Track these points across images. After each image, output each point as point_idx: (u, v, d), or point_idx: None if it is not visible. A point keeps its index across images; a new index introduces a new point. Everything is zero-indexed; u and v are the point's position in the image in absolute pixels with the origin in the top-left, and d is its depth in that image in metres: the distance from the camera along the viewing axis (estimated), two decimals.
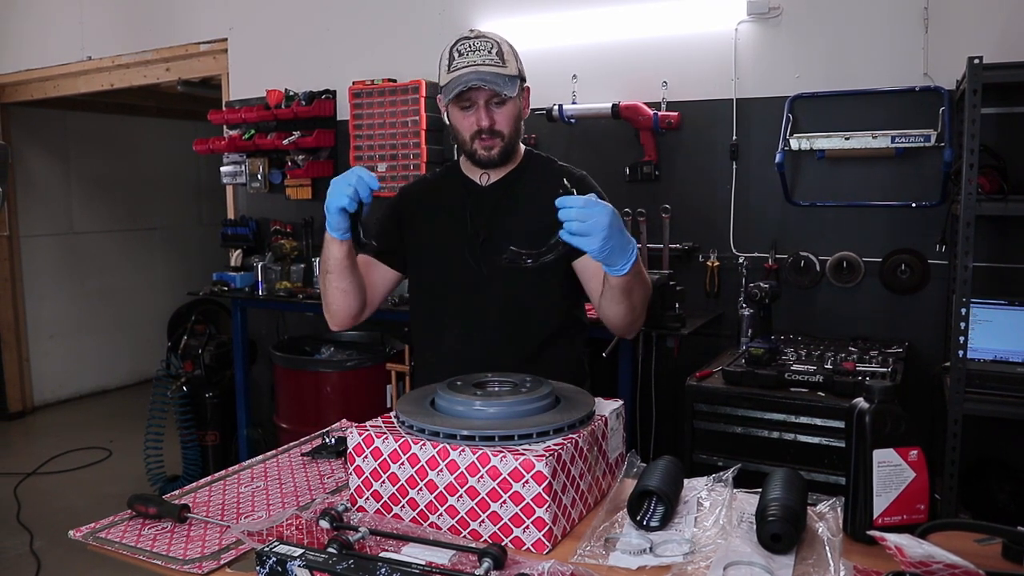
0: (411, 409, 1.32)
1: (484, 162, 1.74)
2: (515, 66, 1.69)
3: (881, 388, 1.17)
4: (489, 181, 1.79)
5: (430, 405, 1.34)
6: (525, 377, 1.40)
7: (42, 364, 6.01)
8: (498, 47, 1.67)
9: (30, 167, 5.94)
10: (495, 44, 1.67)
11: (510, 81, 1.66)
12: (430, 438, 1.23)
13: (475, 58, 1.64)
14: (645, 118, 3.21)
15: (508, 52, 1.69)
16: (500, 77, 1.64)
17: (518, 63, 1.71)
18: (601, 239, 1.35)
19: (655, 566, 1.12)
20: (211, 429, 4.19)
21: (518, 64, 1.71)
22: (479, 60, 1.64)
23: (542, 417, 1.27)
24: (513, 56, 1.70)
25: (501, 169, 1.78)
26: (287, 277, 3.96)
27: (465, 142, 1.74)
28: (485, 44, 1.67)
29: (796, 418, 2.38)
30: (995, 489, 2.60)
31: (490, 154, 1.72)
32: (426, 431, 1.24)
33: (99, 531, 1.30)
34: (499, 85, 1.64)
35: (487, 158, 1.73)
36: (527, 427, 1.22)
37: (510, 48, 1.70)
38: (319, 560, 1.03)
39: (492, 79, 1.63)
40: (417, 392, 1.44)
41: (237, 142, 4.23)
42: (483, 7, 3.62)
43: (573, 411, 1.30)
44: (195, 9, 4.54)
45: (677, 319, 2.84)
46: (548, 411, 1.30)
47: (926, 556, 0.95)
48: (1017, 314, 2.45)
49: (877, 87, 2.88)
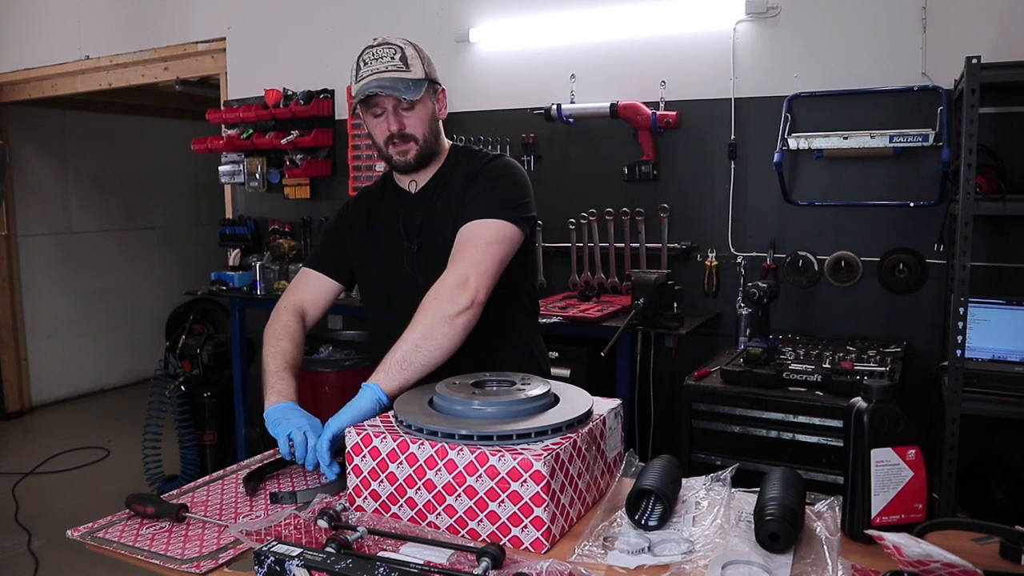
0: (409, 408, 1.32)
1: (402, 167, 1.76)
2: (420, 69, 1.70)
3: (879, 387, 1.17)
4: (418, 187, 1.80)
5: (428, 404, 1.34)
6: (524, 376, 1.41)
7: (40, 364, 6.00)
8: (400, 52, 1.69)
9: (28, 167, 5.93)
10: (398, 50, 1.69)
11: (414, 85, 1.67)
12: (428, 437, 1.23)
13: (378, 66, 1.68)
14: (643, 117, 3.21)
15: (412, 56, 1.70)
16: (401, 82, 1.66)
17: (425, 66, 1.72)
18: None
19: (653, 565, 1.12)
20: (209, 429, 4.19)
21: (425, 67, 1.72)
22: (381, 67, 1.67)
23: (540, 416, 1.27)
24: (419, 59, 1.71)
25: (426, 172, 1.79)
26: (285, 276, 3.96)
27: (381, 148, 1.76)
28: (387, 51, 1.69)
29: (794, 417, 2.38)
30: (993, 488, 2.61)
31: (406, 158, 1.74)
32: (424, 430, 1.24)
33: (97, 531, 1.30)
34: (399, 90, 1.65)
35: (403, 163, 1.74)
36: (525, 426, 1.22)
37: (415, 52, 1.71)
38: (317, 559, 1.03)
39: (392, 85, 1.65)
40: (415, 391, 1.44)
41: (235, 141, 4.22)
42: (481, 6, 3.62)
43: (571, 410, 1.30)
44: (193, 8, 4.53)
45: (675, 318, 2.84)
46: (546, 410, 1.30)
47: (924, 555, 0.95)
48: (1015, 313, 2.45)
49: (875, 87, 2.88)
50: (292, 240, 4.13)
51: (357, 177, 3.88)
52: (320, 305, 1.90)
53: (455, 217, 1.68)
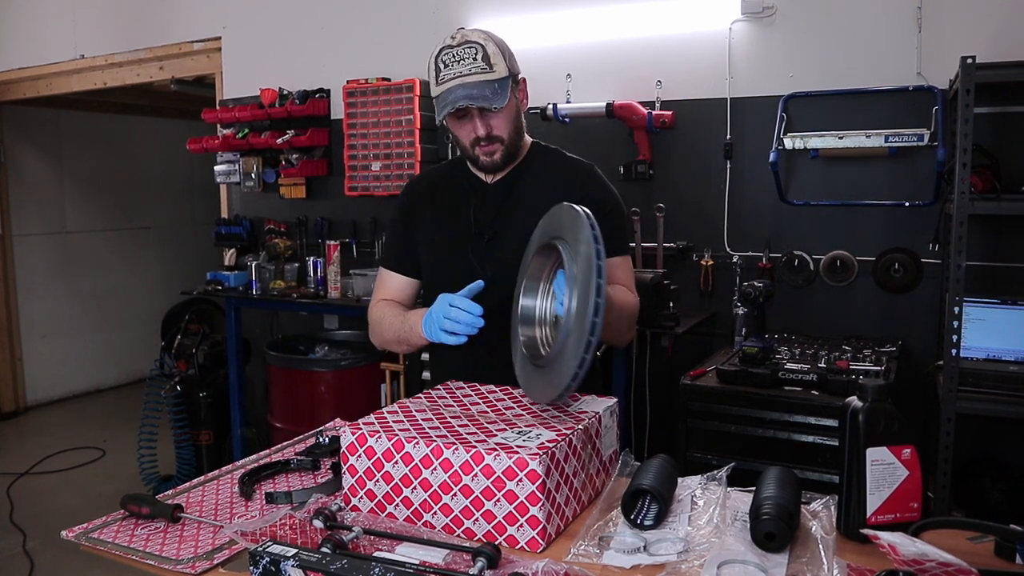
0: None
1: (488, 167, 1.74)
2: (503, 66, 1.64)
3: (874, 387, 1.17)
4: (495, 178, 1.79)
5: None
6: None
7: (35, 364, 5.99)
8: (483, 51, 1.62)
9: (23, 166, 5.91)
10: (479, 48, 1.62)
11: (499, 86, 1.63)
12: (424, 436, 1.23)
13: (460, 68, 1.62)
14: (639, 117, 3.21)
15: (494, 53, 1.63)
16: (488, 86, 1.61)
17: (507, 61, 1.65)
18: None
19: (649, 565, 1.12)
20: (205, 429, 4.18)
21: (507, 62, 1.65)
22: (464, 71, 1.61)
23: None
24: (501, 55, 1.64)
25: (506, 166, 1.78)
26: (281, 276, 3.95)
27: (467, 149, 1.74)
28: (469, 51, 1.62)
29: (790, 417, 2.39)
30: (988, 487, 2.61)
31: (492, 159, 1.72)
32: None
33: (92, 531, 1.30)
34: (487, 99, 1.61)
35: (491, 163, 1.73)
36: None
37: (496, 48, 1.64)
38: (313, 560, 1.02)
39: (479, 93, 1.61)
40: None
41: (231, 141, 4.22)
42: (477, 6, 3.62)
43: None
44: (189, 8, 4.52)
45: (671, 318, 2.84)
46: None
47: (919, 554, 0.95)
48: (1010, 313, 2.46)
49: (871, 86, 2.89)
50: (288, 240, 4.12)
51: (353, 176, 3.88)
52: (407, 303, 1.87)
53: (534, 214, 1.59)
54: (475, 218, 1.76)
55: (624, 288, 1.74)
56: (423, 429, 1.28)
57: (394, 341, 1.77)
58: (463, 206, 1.78)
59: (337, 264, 3.77)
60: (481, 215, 1.76)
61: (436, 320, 1.55)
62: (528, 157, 1.81)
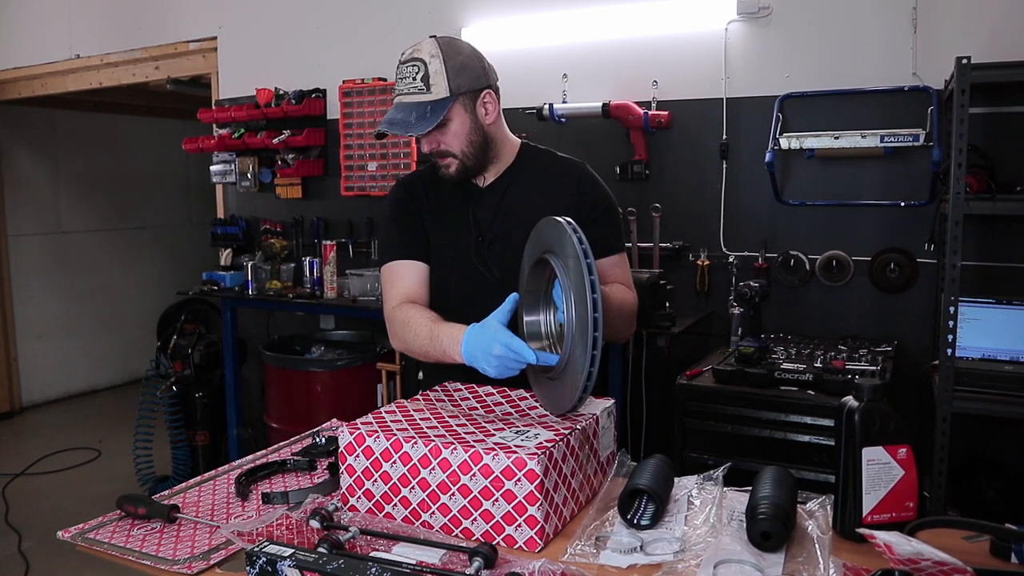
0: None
1: (448, 179, 1.73)
2: (443, 87, 1.60)
3: (870, 386, 1.17)
4: (487, 182, 1.78)
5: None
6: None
7: (31, 364, 5.98)
8: (423, 70, 1.60)
9: (18, 166, 5.90)
10: (420, 67, 1.60)
11: (432, 109, 1.60)
12: (422, 436, 1.23)
13: (401, 86, 1.63)
14: (635, 117, 3.21)
15: (436, 73, 1.60)
16: (417, 108, 1.60)
17: (451, 80, 1.61)
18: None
19: (645, 564, 1.12)
20: (201, 429, 4.17)
21: (451, 82, 1.61)
22: (404, 89, 1.63)
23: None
24: (443, 75, 1.60)
25: (493, 169, 1.77)
26: (277, 276, 3.95)
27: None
28: (411, 70, 1.62)
29: (786, 416, 2.39)
30: (983, 487, 2.61)
31: (448, 172, 1.71)
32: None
33: (88, 532, 1.30)
34: (407, 125, 1.60)
35: (448, 175, 1.72)
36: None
37: (440, 67, 1.60)
38: (309, 560, 1.02)
39: (402, 118, 1.61)
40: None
41: (227, 141, 4.21)
42: (472, 6, 3.61)
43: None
44: (185, 7, 4.51)
45: (667, 318, 2.84)
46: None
47: (915, 553, 0.95)
48: (1005, 312, 2.46)
49: (866, 87, 2.89)
50: (284, 240, 4.12)
51: (349, 176, 3.87)
52: (424, 291, 1.77)
53: (531, 216, 1.56)
54: (475, 222, 1.76)
55: (622, 286, 1.75)
56: (421, 429, 1.28)
57: (420, 353, 1.67)
58: (461, 210, 1.78)
59: (333, 264, 3.76)
60: (480, 219, 1.76)
61: (483, 357, 1.42)
62: (519, 159, 1.80)
